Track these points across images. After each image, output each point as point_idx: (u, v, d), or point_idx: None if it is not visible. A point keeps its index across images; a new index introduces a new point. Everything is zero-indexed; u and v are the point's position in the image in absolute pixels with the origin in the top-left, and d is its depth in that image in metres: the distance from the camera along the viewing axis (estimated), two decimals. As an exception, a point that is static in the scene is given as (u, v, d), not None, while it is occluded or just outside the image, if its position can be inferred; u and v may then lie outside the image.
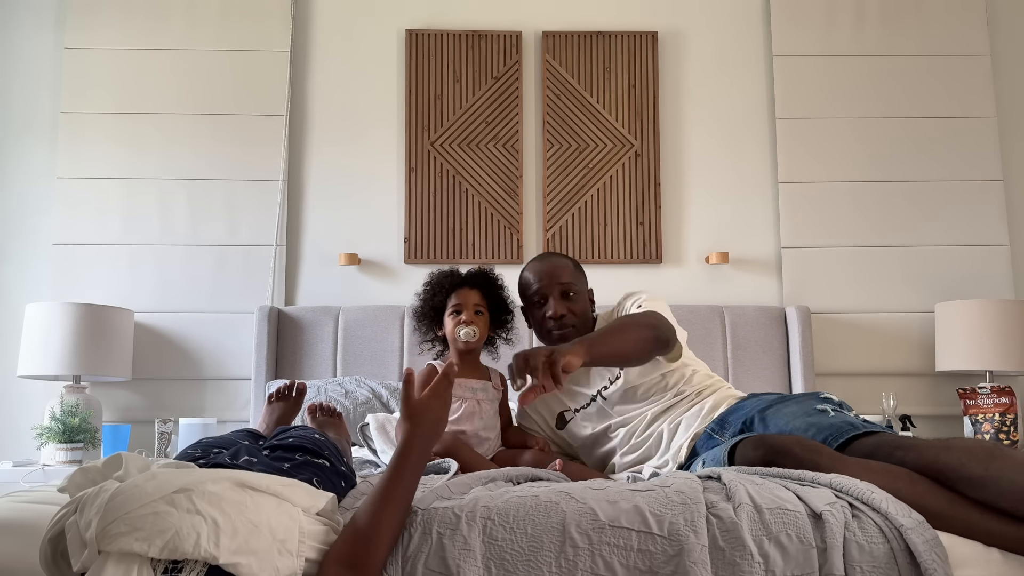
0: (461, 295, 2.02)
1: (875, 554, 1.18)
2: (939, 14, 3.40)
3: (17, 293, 3.23)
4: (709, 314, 3.15)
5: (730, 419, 1.85)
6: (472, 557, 1.13)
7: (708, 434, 1.86)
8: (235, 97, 3.31)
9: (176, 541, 1.00)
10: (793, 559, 1.17)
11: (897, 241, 3.30)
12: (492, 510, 1.19)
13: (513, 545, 1.15)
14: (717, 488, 1.29)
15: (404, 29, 3.40)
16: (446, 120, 3.34)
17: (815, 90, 3.37)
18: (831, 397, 1.78)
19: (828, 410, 1.67)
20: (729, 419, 1.86)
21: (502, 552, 1.14)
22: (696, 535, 1.17)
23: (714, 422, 1.88)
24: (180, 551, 1.00)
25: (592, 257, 3.29)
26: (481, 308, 2.02)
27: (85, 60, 3.30)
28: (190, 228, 3.24)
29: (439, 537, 1.15)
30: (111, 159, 3.26)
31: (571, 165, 3.33)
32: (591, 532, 1.16)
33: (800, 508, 1.23)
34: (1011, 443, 2.87)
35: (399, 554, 1.15)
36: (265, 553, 1.05)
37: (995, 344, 2.92)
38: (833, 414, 1.65)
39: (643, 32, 3.40)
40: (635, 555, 1.14)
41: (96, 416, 2.87)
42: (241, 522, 1.06)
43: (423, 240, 3.29)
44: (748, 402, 1.90)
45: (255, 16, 3.35)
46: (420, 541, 1.16)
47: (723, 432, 1.84)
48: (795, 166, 3.33)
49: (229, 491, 1.09)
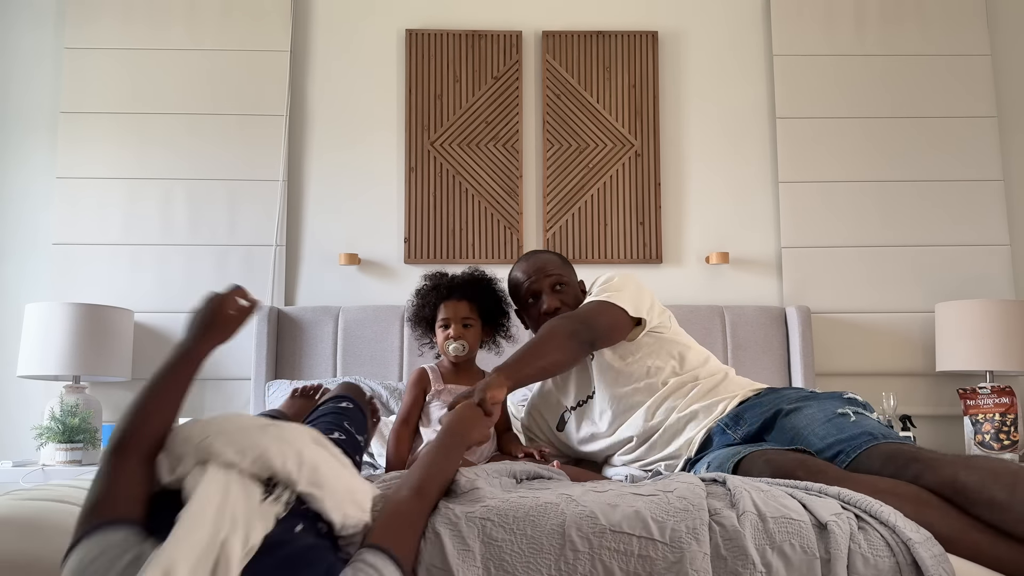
0: (449, 308, 2.00)
1: (880, 567, 1.16)
2: (939, 14, 3.40)
3: (17, 293, 3.23)
4: (709, 314, 3.15)
5: (746, 415, 1.81)
6: (471, 557, 1.12)
7: (721, 428, 1.82)
8: (235, 97, 3.31)
9: (266, 458, 1.10)
10: (796, 569, 1.15)
11: (897, 241, 3.30)
12: (492, 511, 1.19)
13: (512, 547, 1.14)
14: (721, 494, 1.28)
15: (404, 29, 3.40)
16: (446, 120, 3.34)
17: (815, 90, 3.37)
18: (855, 397, 1.75)
19: (850, 413, 1.63)
20: (745, 415, 1.81)
21: (501, 553, 1.13)
22: (698, 543, 1.15)
23: (728, 416, 1.83)
24: (269, 468, 1.10)
25: (592, 257, 3.29)
26: (470, 320, 2.01)
27: (85, 60, 3.29)
28: (190, 228, 3.24)
29: (437, 537, 1.15)
30: (111, 159, 3.26)
31: (571, 165, 3.33)
32: (591, 536, 1.15)
33: (805, 518, 1.21)
34: (1011, 443, 2.87)
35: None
36: (338, 497, 1.13)
37: (995, 344, 2.92)
38: (855, 418, 1.61)
39: (643, 32, 3.40)
40: (635, 560, 1.13)
41: (96, 416, 2.87)
42: (319, 463, 1.15)
43: (423, 240, 3.29)
44: (767, 398, 1.85)
45: (255, 16, 3.35)
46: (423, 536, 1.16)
47: (737, 428, 1.80)
48: (795, 166, 3.33)
49: (309, 440, 1.21)
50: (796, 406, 1.73)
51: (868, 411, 1.70)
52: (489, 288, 2.06)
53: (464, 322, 2.00)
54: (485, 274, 2.09)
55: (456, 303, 2.01)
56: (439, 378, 2.05)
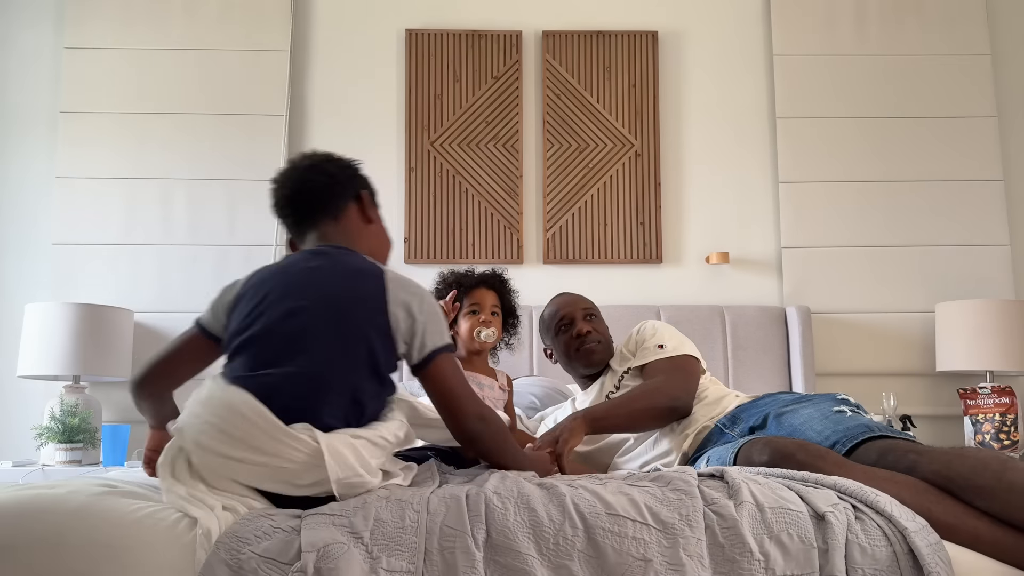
0: (479, 295, 2.03)
1: (877, 557, 1.18)
2: (939, 14, 3.40)
3: (17, 293, 3.23)
4: (709, 314, 3.15)
5: (743, 415, 1.85)
6: (479, 522, 1.18)
7: (719, 428, 1.86)
8: (235, 97, 3.31)
9: None
10: (793, 559, 1.17)
11: (897, 241, 3.30)
12: (500, 487, 1.25)
13: (516, 516, 1.19)
14: (719, 486, 1.30)
15: (404, 29, 3.40)
16: (446, 120, 3.34)
17: (815, 90, 3.37)
18: (848, 398, 1.78)
19: (845, 411, 1.67)
20: (742, 415, 1.86)
21: (505, 521, 1.18)
22: (692, 529, 1.18)
23: (726, 417, 1.88)
24: None
25: (592, 257, 3.29)
26: (497, 310, 2.04)
27: (85, 60, 3.30)
28: (190, 228, 3.24)
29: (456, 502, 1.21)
30: (111, 159, 3.26)
31: (571, 165, 3.33)
32: (588, 515, 1.19)
33: (802, 508, 1.23)
34: (1011, 443, 2.87)
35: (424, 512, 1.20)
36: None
37: (995, 344, 2.92)
38: (851, 414, 1.65)
39: (643, 32, 3.40)
40: (629, 542, 1.16)
41: (96, 416, 2.87)
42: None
43: (423, 240, 3.29)
44: (764, 400, 1.91)
45: (255, 16, 3.35)
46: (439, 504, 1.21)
47: (734, 427, 1.84)
48: (795, 166, 3.33)
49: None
50: (792, 408, 1.77)
51: (861, 411, 1.73)
52: (509, 287, 2.10)
53: (492, 310, 2.03)
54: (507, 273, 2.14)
55: (486, 291, 2.04)
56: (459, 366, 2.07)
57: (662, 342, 2.06)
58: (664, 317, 3.13)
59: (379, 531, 1.16)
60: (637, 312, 3.12)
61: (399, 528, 1.17)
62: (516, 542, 1.16)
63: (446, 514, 1.19)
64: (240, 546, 1.13)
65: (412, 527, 1.17)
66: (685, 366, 2.02)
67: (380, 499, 1.24)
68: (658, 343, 2.06)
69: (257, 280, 1.48)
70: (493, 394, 2.02)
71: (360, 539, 1.14)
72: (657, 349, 2.05)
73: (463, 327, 2.03)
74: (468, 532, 1.16)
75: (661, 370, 2.00)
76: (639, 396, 1.90)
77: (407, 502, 1.22)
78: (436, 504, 1.21)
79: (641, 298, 3.27)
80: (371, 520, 1.17)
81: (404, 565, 1.13)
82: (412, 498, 1.23)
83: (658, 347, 2.05)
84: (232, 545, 1.14)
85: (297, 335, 1.36)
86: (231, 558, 1.12)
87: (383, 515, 1.19)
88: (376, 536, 1.15)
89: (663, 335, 2.08)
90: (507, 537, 1.16)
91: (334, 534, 1.14)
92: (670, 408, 1.91)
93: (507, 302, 2.08)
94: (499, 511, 1.19)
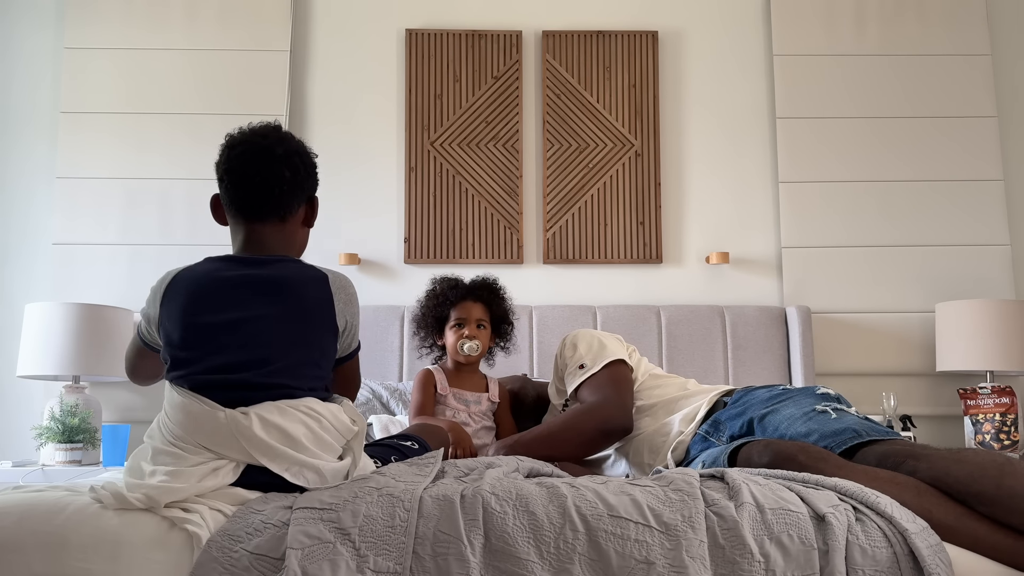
0: (464, 308, 2.03)
1: (878, 558, 1.18)
2: (939, 14, 3.40)
3: (17, 293, 3.23)
4: (709, 314, 3.15)
5: (725, 420, 1.83)
6: (476, 526, 1.17)
7: (702, 436, 1.84)
8: (235, 97, 3.31)
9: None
10: (794, 560, 1.17)
11: (897, 241, 3.30)
12: (497, 488, 1.24)
13: (516, 520, 1.18)
14: (719, 487, 1.30)
15: (404, 29, 3.40)
16: (446, 120, 3.34)
17: (815, 90, 3.37)
18: (828, 392, 1.77)
19: (829, 411, 1.65)
20: (723, 420, 1.83)
21: (504, 525, 1.17)
22: (694, 530, 1.18)
23: (708, 424, 1.86)
24: None
25: (592, 257, 3.29)
26: (483, 322, 2.04)
27: (85, 59, 3.29)
28: (190, 228, 3.24)
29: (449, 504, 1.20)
30: (111, 159, 3.26)
31: (571, 165, 3.33)
32: (590, 518, 1.19)
33: (803, 509, 1.23)
34: (1011, 443, 2.87)
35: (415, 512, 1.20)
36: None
37: (995, 344, 2.92)
38: (835, 415, 1.63)
39: (643, 32, 3.40)
40: (632, 544, 1.16)
41: (96, 416, 2.86)
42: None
43: (423, 240, 3.29)
44: (742, 399, 1.87)
45: (255, 16, 3.35)
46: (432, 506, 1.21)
47: (718, 434, 1.82)
48: (795, 166, 3.33)
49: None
50: (772, 407, 1.75)
51: (844, 405, 1.71)
52: (501, 296, 2.09)
53: (477, 323, 2.02)
54: (498, 282, 2.12)
55: (472, 304, 2.04)
56: (444, 380, 2.08)
57: (582, 361, 1.99)
58: (664, 317, 3.13)
59: (368, 528, 1.16)
60: (637, 312, 3.12)
61: (388, 527, 1.16)
62: (516, 547, 1.15)
63: (440, 518, 1.18)
64: (232, 544, 1.14)
65: (401, 527, 1.16)
66: (612, 379, 1.95)
67: (372, 491, 1.23)
68: (578, 363, 1.99)
69: (194, 290, 1.57)
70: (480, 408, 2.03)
71: (348, 536, 1.15)
72: (578, 371, 1.99)
73: (449, 340, 2.04)
74: (462, 539, 1.15)
75: (589, 392, 1.94)
76: (565, 427, 1.86)
77: (398, 499, 1.21)
78: (430, 506, 1.20)
79: (641, 298, 3.27)
80: (360, 517, 1.17)
81: (391, 566, 1.12)
82: (404, 495, 1.22)
83: (579, 368, 1.99)
84: (224, 543, 1.14)
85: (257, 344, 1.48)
86: (223, 556, 1.13)
87: (373, 512, 1.19)
88: (365, 534, 1.15)
89: (581, 352, 2.01)
90: (506, 542, 1.16)
91: (321, 531, 1.14)
92: (603, 432, 1.86)
93: (497, 311, 2.08)
94: (498, 515, 1.18)
